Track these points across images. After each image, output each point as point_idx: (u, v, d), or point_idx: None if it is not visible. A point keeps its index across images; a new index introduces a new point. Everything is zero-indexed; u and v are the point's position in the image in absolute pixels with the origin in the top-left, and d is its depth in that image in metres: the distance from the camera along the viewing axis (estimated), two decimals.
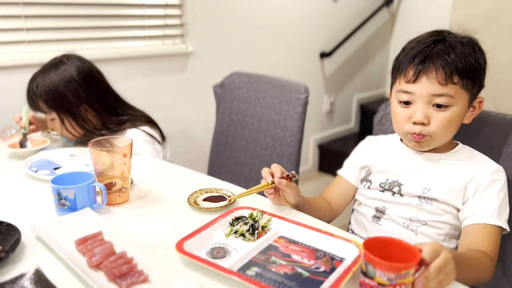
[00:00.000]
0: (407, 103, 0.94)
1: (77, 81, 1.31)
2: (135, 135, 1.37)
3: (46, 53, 1.75)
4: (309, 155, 3.17)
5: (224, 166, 1.68)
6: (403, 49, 0.98)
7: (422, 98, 0.91)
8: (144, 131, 1.39)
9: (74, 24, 1.82)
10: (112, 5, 1.91)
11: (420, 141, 0.95)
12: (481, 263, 0.82)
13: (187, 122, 2.31)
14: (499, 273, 1.00)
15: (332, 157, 3.17)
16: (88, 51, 1.84)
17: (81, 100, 1.32)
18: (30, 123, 1.36)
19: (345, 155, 1.18)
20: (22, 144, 1.29)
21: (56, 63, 1.34)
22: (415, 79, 0.92)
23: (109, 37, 1.93)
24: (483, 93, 0.97)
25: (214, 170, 1.72)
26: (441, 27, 1.00)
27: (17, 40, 1.68)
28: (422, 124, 0.92)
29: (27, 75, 1.69)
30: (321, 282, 0.69)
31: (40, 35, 1.74)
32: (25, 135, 1.31)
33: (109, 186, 0.94)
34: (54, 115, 1.32)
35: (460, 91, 0.91)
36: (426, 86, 0.90)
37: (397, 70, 0.97)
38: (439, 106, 0.91)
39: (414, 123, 0.93)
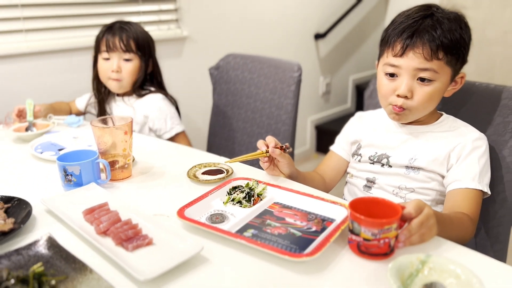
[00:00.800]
0: (392, 75, 0.99)
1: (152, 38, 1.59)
2: (158, 99, 1.56)
3: (44, 41, 1.79)
4: (307, 136, 3.22)
5: (222, 146, 1.73)
6: (392, 22, 1.01)
7: (408, 72, 0.95)
8: (165, 96, 1.58)
9: (70, 11, 1.85)
10: None
11: (399, 114, 0.99)
12: (462, 223, 0.88)
13: (185, 105, 2.33)
14: (483, 235, 1.06)
15: (329, 137, 3.18)
16: (84, 38, 1.87)
17: (153, 54, 1.58)
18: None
19: None
20: (27, 130, 1.34)
21: (130, 21, 1.56)
22: (402, 53, 0.95)
23: (105, 23, 1.95)
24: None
25: (212, 150, 1.76)
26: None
27: (14, 29, 1.72)
28: (406, 97, 0.96)
29: (26, 64, 1.74)
30: (312, 240, 0.74)
31: (37, 23, 1.77)
32: (30, 123, 1.36)
33: (112, 164, 0.99)
34: (135, 56, 1.51)
35: (444, 66, 0.95)
36: (412, 60, 0.94)
37: (386, 43, 1.01)
38: (422, 80, 0.95)
39: (398, 95, 0.97)
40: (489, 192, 0.95)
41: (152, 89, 1.59)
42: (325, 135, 3.24)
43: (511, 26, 2.37)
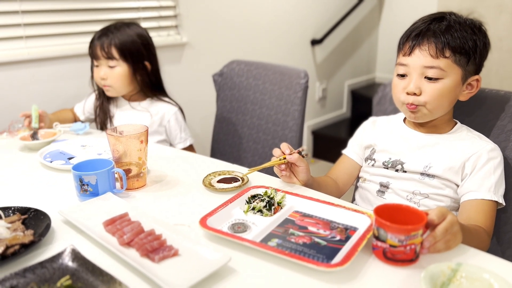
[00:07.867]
0: (403, 75, 1.01)
1: (148, 39, 1.54)
2: (175, 109, 1.57)
3: (44, 48, 1.77)
4: (304, 141, 3.23)
5: (227, 152, 1.73)
6: (406, 30, 1.04)
7: (415, 70, 0.98)
8: (179, 109, 1.58)
9: (70, 18, 1.83)
10: None
11: (414, 111, 1.01)
12: (479, 235, 0.88)
13: (185, 111, 2.33)
14: (494, 240, 1.07)
15: (326, 142, 3.23)
16: (85, 45, 1.84)
17: (145, 57, 1.52)
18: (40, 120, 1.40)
19: (339, 140, 1.23)
20: (33, 137, 1.31)
21: (126, 23, 1.52)
22: (410, 52, 0.99)
23: None
24: None
25: (216, 157, 1.75)
26: (429, 10, 1.06)
27: (15, 36, 1.69)
28: (415, 94, 0.98)
29: (26, 70, 1.72)
30: (338, 250, 0.74)
31: (38, 30, 1.75)
32: (35, 130, 1.34)
33: (126, 172, 0.98)
34: (119, 63, 1.47)
35: (452, 65, 0.96)
36: (419, 58, 0.97)
37: (398, 47, 1.04)
38: (430, 78, 0.97)
39: (408, 93, 0.99)
40: (504, 203, 0.96)
41: (166, 99, 1.59)
42: (322, 140, 3.25)
43: (506, 33, 2.41)
